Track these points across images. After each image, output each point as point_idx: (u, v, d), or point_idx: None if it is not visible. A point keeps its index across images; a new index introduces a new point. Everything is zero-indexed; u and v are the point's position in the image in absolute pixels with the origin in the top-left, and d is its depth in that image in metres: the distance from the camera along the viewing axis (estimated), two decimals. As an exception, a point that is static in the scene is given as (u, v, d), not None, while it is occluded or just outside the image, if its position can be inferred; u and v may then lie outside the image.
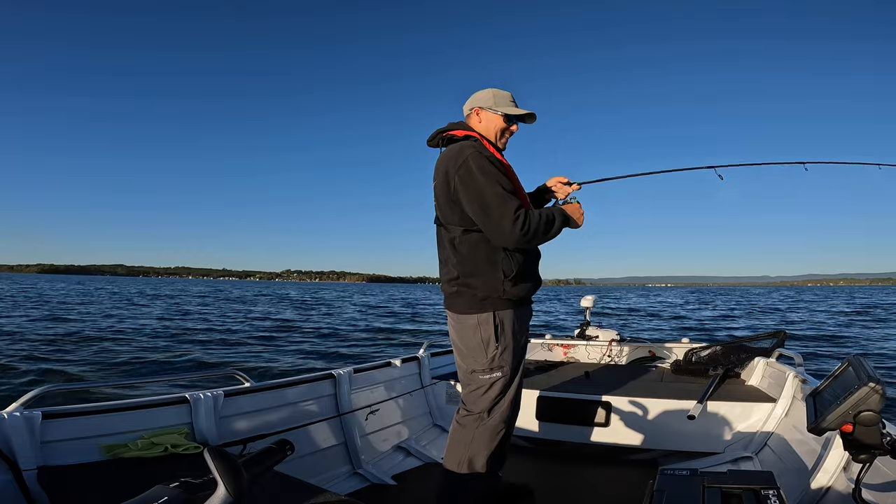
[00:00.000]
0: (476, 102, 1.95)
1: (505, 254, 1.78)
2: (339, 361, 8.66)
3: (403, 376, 2.95)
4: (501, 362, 1.79)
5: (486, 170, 1.74)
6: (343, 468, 2.37)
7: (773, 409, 2.58)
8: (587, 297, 4.58)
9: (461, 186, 1.75)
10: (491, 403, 1.81)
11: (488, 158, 1.77)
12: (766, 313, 23.23)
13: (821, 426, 1.22)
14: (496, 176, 1.75)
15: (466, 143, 1.83)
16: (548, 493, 2.22)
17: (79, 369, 7.29)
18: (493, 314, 1.78)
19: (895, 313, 21.77)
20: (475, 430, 1.81)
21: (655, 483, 1.25)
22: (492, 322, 1.77)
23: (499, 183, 1.73)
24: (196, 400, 1.90)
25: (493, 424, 1.81)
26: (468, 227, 1.79)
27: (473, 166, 1.73)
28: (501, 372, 1.80)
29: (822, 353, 9.97)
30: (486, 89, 1.96)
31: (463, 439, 1.82)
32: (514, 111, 1.93)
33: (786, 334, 3.37)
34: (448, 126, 1.96)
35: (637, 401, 2.78)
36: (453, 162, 1.78)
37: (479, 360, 1.80)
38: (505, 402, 1.83)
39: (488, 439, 1.81)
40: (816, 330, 14.79)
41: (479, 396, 1.81)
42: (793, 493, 1.80)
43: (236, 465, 0.78)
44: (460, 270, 1.81)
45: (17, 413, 1.49)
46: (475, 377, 1.82)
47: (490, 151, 1.83)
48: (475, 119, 1.95)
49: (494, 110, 1.92)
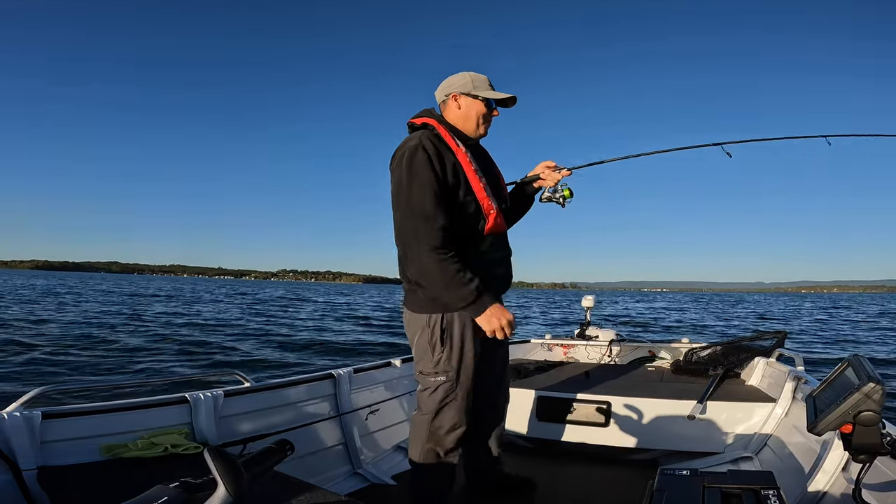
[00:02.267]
0: (452, 87, 1.80)
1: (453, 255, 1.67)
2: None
3: (403, 376, 2.95)
4: (447, 367, 1.71)
5: (416, 169, 1.61)
6: (343, 468, 2.37)
7: (772, 409, 2.58)
8: (588, 297, 4.58)
9: (392, 183, 1.68)
10: (437, 406, 1.74)
11: (429, 156, 1.63)
12: (769, 319, 23.12)
13: (820, 426, 1.22)
14: (426, 180, 1.61)
15: (415, 135, 1.72)
16: (547, 493, 2.22)
17: (79, 370, 7.29)
18: (441, 317, 1.71)
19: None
20: (427, 429, 1.77)
21: (655, 483, 1.25)
22: (439, 324, 1.70)
23: (425, 189, 1.60)
24: (196, 400, 1.90)
25: (441, 426, 1.76)
26: None
27: (406, 162, 1.63)
28: (446, 377, 1.71)
29: (823, 353, 9.97)
30: (460, 73, 1.82)
31: (419, 437, 1.81)
32: (495, 95, 1.80)
33: (786, 334, 3.37)
34: (417, 113, 1.85)
35: (637, 401, 2.78)
36: (395, 155, 1.70)
37: (425, 362, 1.74)
38: (453, 408, 1.74)
39: (441, 438, 1.77)
40: (818, 332, 14.79)
41: (426, 398, 1.76)
42: (793, 493, 1.80)
43: (236, 465, 0.78)
44: (408, 267, 1.72)
45: (16, 413, 1.49)
46: (423, 378, 1.77)
47: (446, 142, 1.71)
48: (453, 105, 1.81)
49: (474, 95, 1.78)
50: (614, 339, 4.06)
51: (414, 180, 1.61)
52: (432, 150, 1.66)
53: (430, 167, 1.63)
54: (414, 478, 1.88)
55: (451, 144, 1.72)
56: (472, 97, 1.79)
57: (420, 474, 1.84)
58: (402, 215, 1.65)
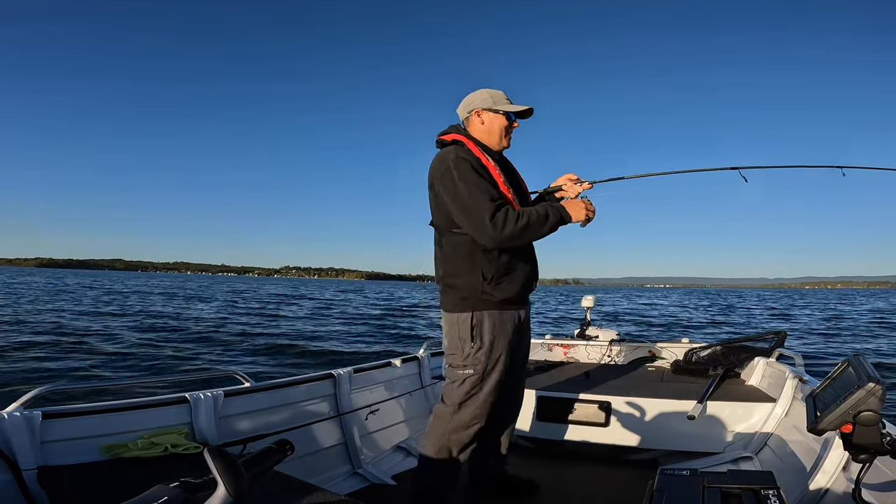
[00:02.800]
0: (474, 104, 1.97)
1: (483, 256, 1.82)
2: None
3: (403, 376, 2.95)
4: (475, 361, 1.84)
5: (465, 175, 1.79)
6: (343, 468, 2.37)
7: (772, 409, 2.58)
8: (587, 297, 4.58)
9: (443, 191, 1.82)
10: (462, 398, 1.86)
11: (470, 164, 1.82)
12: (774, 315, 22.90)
13: (820, 426, 1.22)
14: (475, 180, 1.79)
15: (449, 149, 1.89)
16: (548, 493, 2.22)
17: (78, 369, 7.29)
18: (472, 314, 1.84)
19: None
20: (447, 423, 1.88)
21: (655, 483, 1.25)
22: (469, 321, 1.84)
23: (477, 186, 1.78)
24: (196, 400, 1.90)
25: (462, 419, 1.86)
26: (451, 229, 1.86)
27: (454, 172, 1.79)
28: (474, 370, 1.84)
29: (823, 354, 9.97)
30: (478, 91, 1.99)
31: (437, 430, 1.90)
32: (514, 108, 1.96)
33: (785, 334, 3.37)
34: (445, 130, 2.02)
35: (637, 401, 2.78)
36: (437, 168, 1.86)
37: (457, 356, 1.88)
38: (477, 400, 1.86)
39: (458, 432, 1.87)
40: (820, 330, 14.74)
41: (453, 390, 1.88)
42: (793, 493, 1.80)
43: (236, 465, 0.78)
44: (444, 270, 1.90)
45: (17, 413, 1.49)
46: (452, 371, 1.90)
47: (476, 156, 1.87)
48: (476, 121, 1.97)
49: (495, 110, 1.95)
50: (614, 339, 4.06)
51: (468, 182, 1.78)
52: (472, 158, 1.84)
53: (475, 171, 1.81)
54: (419, 475, 1.94)
55: (480, 158, 1.87)
56: (494, 112, 1.95)
57: (427, 470, 1.91)
58: (466, 211, 1.78)
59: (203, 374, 5.58)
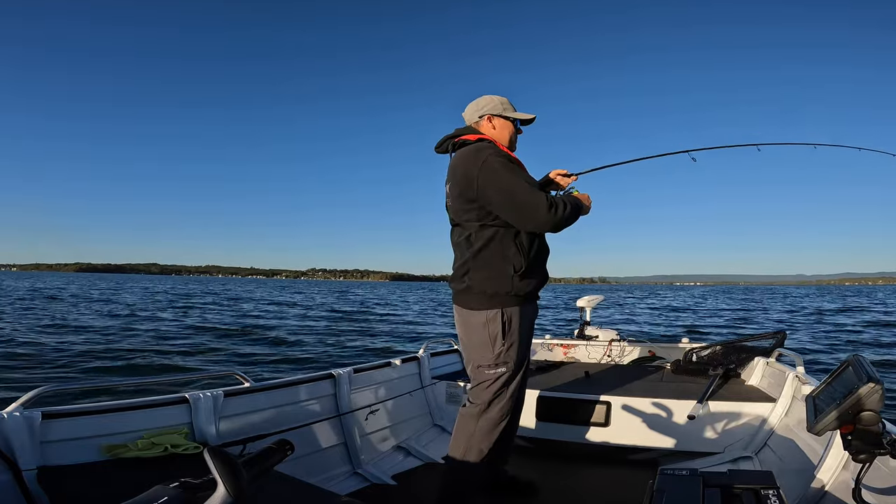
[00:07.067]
0: (484, 109, 2.00)
1: (517, 249, 1.84)
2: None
3: (403, 376, 2.95)
4: (507, 358, 1.85)
5: (509, 165, 1.82)
6: (343, 468, 2.37)
7: (773, 409, 2.58)
8: (583, 298, 4.57)
9: (487, 184, 1.80)
10: (492, 396, 1.86)
11: (506, 157, 1.87)
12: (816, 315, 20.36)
13: (820, 426, 1.21)
14: (519, 170, 1.85)
15: (482, 145, 1.90)
16: (548, 493, 2.22)
17: (78, 369, 7.28)
18: (502, 311, 1.84)
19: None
20: (476, 423, 1.88)
21: (655, 483, 1.24)
22: (500, 319, 1.83)
23: (526, 178, 1.84)
24: (196, 400, 1.90)
25: (492, 418, 1.87)
26: (484, 222, 1.85)
27: (496, 163, 1.80)
28: (506, 367, 1.86)
29: (822, 353, 9.96)
30: (487, 96, 2.03)
31: (465, 431, 1.89)
32: (523, 116, 2.02)
33: (785, 334, 3.37)
34: (456, 132, 2.03)
35: (637, 401, 2.78)
36: (473, 162, 1.84)
37: (486, 356, 1.86)
38: (505, 396, 1.88)
39: (488, 432, 1.87)
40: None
41: (483, 390, 1.88)
42: (793, 493, 1.80)
43: (236, 465, 0.78)
44: (472, 265, 1.87)
45: (16, 413, 1.49)
46: (481, 372, 1.88)
47: (505, 151, 1.91)
48: (487, 125, 2.01)
49: (506, 117, 1.99)
50: (614, 339, 4.06)
51: (512, 172, 1.81)
52: (504, 153, 1.89)
53: (514, 163, 1.87)
54: (448, 475, 1.92)
55: (510, 155, 1.92)
56: (505, 118, 2.00)
57: (456, 471, 1.90)
58: (520, 200, 1.79)
59: (203, 374, 5.58)
